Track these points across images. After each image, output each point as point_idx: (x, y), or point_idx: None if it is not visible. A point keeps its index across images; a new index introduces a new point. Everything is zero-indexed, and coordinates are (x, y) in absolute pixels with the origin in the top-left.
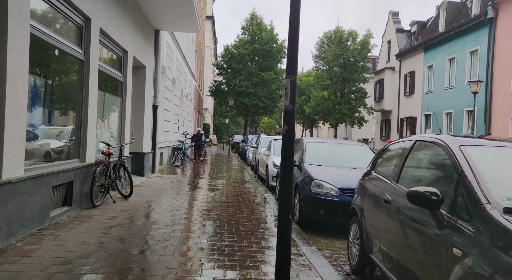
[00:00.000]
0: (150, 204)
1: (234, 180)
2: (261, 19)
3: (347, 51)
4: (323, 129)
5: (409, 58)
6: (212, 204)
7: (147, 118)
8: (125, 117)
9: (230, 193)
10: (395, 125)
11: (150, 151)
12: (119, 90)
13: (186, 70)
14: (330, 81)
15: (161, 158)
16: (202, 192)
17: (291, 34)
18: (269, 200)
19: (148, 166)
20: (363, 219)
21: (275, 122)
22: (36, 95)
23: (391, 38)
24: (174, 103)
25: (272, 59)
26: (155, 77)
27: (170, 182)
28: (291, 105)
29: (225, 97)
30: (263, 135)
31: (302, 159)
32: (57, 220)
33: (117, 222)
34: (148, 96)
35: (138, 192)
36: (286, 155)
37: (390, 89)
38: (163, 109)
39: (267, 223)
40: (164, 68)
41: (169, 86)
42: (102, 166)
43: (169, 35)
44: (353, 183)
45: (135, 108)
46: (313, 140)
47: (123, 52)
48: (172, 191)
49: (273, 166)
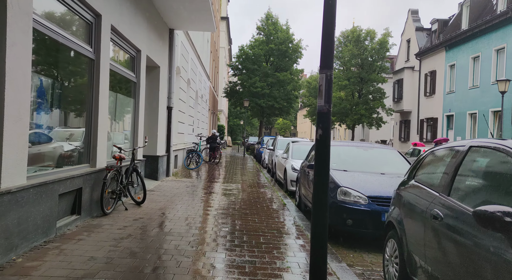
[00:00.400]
0: (164, 211)
1: (250, 184)
2: (277, 19)
3: (365, 51)
4: (339, 130)
5: (430, 57)
6: (229, 211)
7: (161, 120)
8: (138, 119)
9: (247, 198)
10: (415, 126)
11: (165, 154)
12: (132, 91)
13: (201, 71)
14: (347, 81)
15: (176, 161)
16: (218, 197)
17: (325, 24)
18: (289, 207)
19: (162, 169)
20: (403, 236)
21: (290, 123)
22: (42, 96)
23: (410, 37)
24: (189, 105)
25: (287, 60)
26: (169, 78)
27: (184, 186)
28: (326, 105)
29: (240, 98)
30: (279, 137)
31: None
32: (64, 230)
33: (128, 233)
34: (162, 97)
35: (151, 198)
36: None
37: (409, 89)
38: (177, 111)
39: (289, 234)
40: (178, 69)
41: (183, 87)
42: (113, 171)
43: (184, 34)
44: (384, 191)
45: (148, 109)
46: (337, 143)
47: (136, 51)
48: (187, 196)
49: (292, 170)
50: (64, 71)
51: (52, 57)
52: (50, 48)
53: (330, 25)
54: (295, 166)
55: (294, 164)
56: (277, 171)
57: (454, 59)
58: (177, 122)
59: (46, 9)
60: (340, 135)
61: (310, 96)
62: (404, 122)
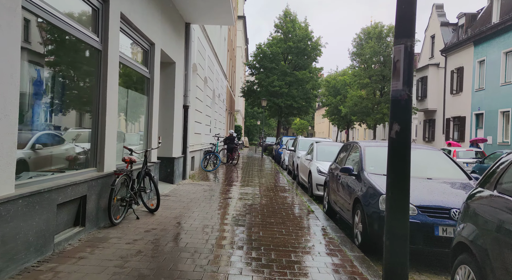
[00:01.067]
0: (179, 220)
1: (271, 187)
2: (295, 16)
3: (387, 47)
4: (359, 130)
5: (457, 53)
6: (252, 219)
7: (177, 119)
8: (152, 118)
9: (270, 204)
10: (440, 126)
11: (181, 155)
12: (145, 88)
13: (218, 69)
14: (369, 80)
15: (193, 163)
16: (238, 203)
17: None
18: (318, 214)
19: (178, 172)
20: (486, 263)
21: (307, 123)
22: (39, 90)
23: (435, 32)
24: (206, 104)
25: (306, 58)
26: (185, 75)
27: (202, 190)
28: (405, 90)
29: (257, 97)
30: (301, 137)
31: (361, 167)
32: (64, 245)
33: (138, 248)
34: (178, 95)
35: (166, 204)
36: (397, 170)
37: (434, 87)
38: (194, 110)
39: (324, 248)
40: (195, 66)
41: (200, 85)
42: (123, 176)
43: (201, 30)
44: (435, 200)
45: (163, 108)
46: (372, 143)
47: (149, 45)
48: (204, 202)
49: (318, 173)
50: (66, 62)
51: (52, 46)
52: (48, 35)
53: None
54: (321, 169)
55: (320, 167)
56: (300, 174)
57: (483, 54)
58: (194, 121)
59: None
60: (360, 135)
61: (329, 95)
62: (428, 121)
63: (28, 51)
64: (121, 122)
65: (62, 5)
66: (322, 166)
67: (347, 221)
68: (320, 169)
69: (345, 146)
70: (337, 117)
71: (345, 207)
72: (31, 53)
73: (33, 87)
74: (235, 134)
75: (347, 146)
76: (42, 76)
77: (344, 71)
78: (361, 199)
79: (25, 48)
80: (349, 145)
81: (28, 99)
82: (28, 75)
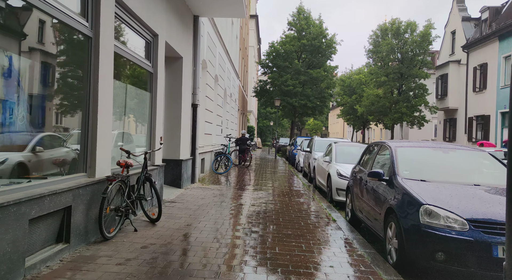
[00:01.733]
0: (183, 232)
1: (287, 192)
2: (309, 13)
3: (405, 44)
4: (375, 130)
5: (480, 48)
6: (266, 230)
7: (185, 119)
8: (155, 116)
9: (286, 211)
10: (462, 125)
11: (189, 157)
12: (148, 83)
13: (230, 67)
14: (386, 78)
15: (203, 165)
16: (250, 210)
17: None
18: (340, 223)
19: (186, 175)
20: None
21: (321, 124)
22: (13, 81)
23: (455, 28)
24: (217, 103)
25: (321, 56)
26: (194, 71)
27: (211, 195)
28: None
29: (270, 97)
30: (317, 137)
31: (393, 172)
32: (40, 269)
33: (129, 271)
34: (186, 93)
35: (170, 213)
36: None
37: (455, 84)
38: (204, 109)
39: (354, 270)
40: (204, 62)
41: (211, 83)
42: (117, 182)
43: (211, 25)
44: (492, 212)
45: (170, 106)
46: (404, 143)
47: (152, 36)
48: (214, 209)
49: (338, 176)
50: (48, 50)
51: (31, 29)
52: (26, 17)
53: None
54: (342, 172)
55: (340, 169)
56: (317, 177)
57: (509, 49)
58: (204, 121)
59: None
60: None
61: (344, 95)
62: (449, 120)
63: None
64: (119, 121)
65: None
66: (343, 169)
67: (376, 232)
68: (341, 172)
69: (371, 147)
70: (353, 117)
71: (373, 216)
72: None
73: (3, 78)
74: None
75: (373, 147)
76: (17, 66)
77: (359, 69)
78: (396, 209)
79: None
80: (376, 146)
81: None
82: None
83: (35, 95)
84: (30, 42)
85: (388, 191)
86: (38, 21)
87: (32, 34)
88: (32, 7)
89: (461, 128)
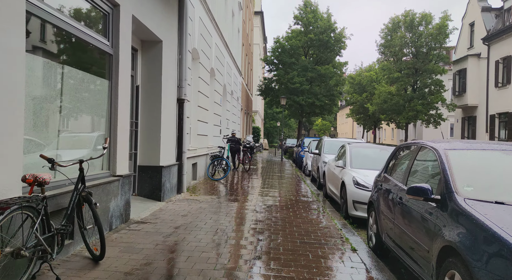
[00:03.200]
0: (136, 279)
1: (292, 204)
2: (316, 7)
3: (420, 37)
4: (386, 130)
5: (503, 40)
6: (262, 272)
7: (167, 117)
8: (116, 111)
9: (290, 236)
10: (483, 123)
11: (174, 163)
12: (105, 68)
13: (230, 62)
14: (400, 73)
15: (195, 171)
16: (245, 235)
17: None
18: (362, 255)
19: (170, 184)
20: None
21: (329, 124)
22: None
23: (474, 19)
24: (214, 100)
25: (329, 51)
26: (180, 60)
27: (197, 211)
28: None
29: (276, 96)
30: (326, 137)
31: (448, 188)
32: None
33: None
34: (168, 85)
35: (131, 241)
36: None
37: (475, 80)
38: (196, 106)
39: None
40: (196, 52)
41: (205, 77)
42: (17, 210)
43: (204, 10)
44: None
45: (145, 100)
46: (454, 144)
47: (110, 5)
48: (193, 234)
49: (355, 186)
50: None
51: None
52: None
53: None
54: (360, 180)
55: (358, 177)
56: (328, 184)
57: None
58: (197, 120)
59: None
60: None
61: (354, 93)
62: (468, 118)
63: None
64: (50, 116)
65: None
66: (360, 176)
67: (419, 275)
68: (358, 181)
69: (401, 150)
70: (363, 116)
71: (413, 251)
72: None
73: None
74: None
75: (403, 149)
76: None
77: (370, 66)
78: (463, 251)
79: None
80: (409, 148)
81: None
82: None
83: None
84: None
85: (442, 217)
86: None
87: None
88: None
89: (481, 127)
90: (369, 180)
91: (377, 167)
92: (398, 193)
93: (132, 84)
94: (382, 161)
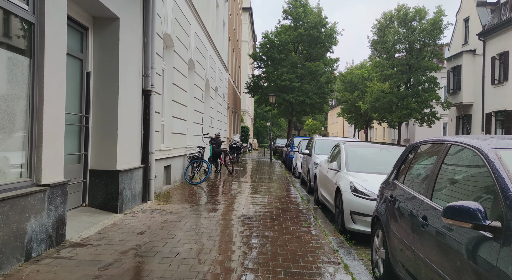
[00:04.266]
0: None
1: (278, 214)
2: (307, 1)
3: (414, 33)
4: (377, 130)
5: (499, 36)
6: None
7: (127, 111)
8: (42, 99)
9: (273, 261)
10: (479, 122)
11: (138, 166)
12: (24, 41)
13: (214, 56)
14: (393, 70)
15: (169, 174)
16: (219, 264)
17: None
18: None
19: (131, 192)
20: None
21: (320, 124)
22: None
23: (469, 14)
24: (194, 96)
25: (320, 47)
26: (145, 44)
27: (159, 226)
28: None
29: (265, 94)
30: (317, 136)
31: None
32: None
33: None
34: (127, 73)
35: (49, 279)
36: None
37: (470, 77)
38: (171, 101)
39: None
40: (170, 39)
41: (182, 68)
42: None
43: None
44: None
45: (97, 90)
46: (503, 142)
47: None
48: (149, 262)
49: (352, 193)
50: None
51: None
52: None
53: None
54: (359, 186)
55: (356, 182)
56: (320, 189)
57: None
58: (171, 117)
59: None
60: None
61: (345, 91)
62: (462, 117)
63: None
64: None
65: None
66: (359, 182)
67: None
68: (356, 187)
69: (417, 149)
70: (355, 115)
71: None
72: None
73: None
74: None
75: (422, 149)
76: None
77: (361, 64)
78: None
79: None
80: (432, 148)
81: None
82: None
83: None
84: None
85: (507, 257)
86: None
87: None
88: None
89: (477, 126)
90: (369, 185)
91: (378, 170)
92: (420, 209)
93: (81, 70)
94: (383, 163)
